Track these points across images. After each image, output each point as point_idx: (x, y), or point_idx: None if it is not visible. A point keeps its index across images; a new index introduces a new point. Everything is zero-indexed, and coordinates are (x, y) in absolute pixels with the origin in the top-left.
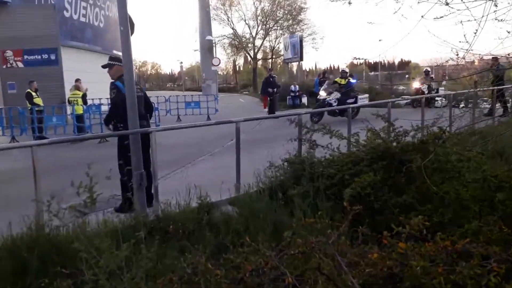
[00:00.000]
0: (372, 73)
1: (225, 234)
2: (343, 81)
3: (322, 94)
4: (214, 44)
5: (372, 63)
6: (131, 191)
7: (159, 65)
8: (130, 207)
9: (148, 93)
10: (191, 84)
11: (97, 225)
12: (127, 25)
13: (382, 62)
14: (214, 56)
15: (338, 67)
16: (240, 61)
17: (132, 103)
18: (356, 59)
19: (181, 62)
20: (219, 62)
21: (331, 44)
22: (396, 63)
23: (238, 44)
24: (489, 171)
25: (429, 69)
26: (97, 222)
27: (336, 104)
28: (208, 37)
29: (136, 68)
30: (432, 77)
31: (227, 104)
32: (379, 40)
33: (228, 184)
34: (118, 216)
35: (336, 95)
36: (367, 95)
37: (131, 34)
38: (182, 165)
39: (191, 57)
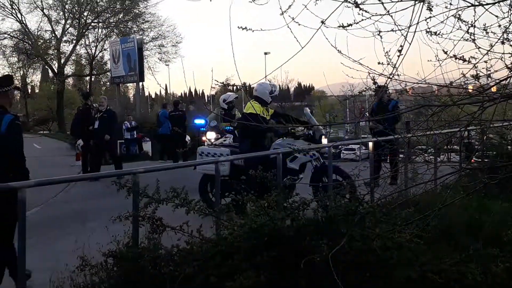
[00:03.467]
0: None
1: None
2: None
3: None
4: None
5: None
6: None
7: None
8: None
9: None
10: None
11: None
12: None
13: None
14: None
15: (203, 93)
16: (35, 78)
17: None
18: (221, 84)
19: None
20: None
21: (194, 56)
22: (292, 90)
23: (30, 48)
24: (430, 265)
25: (234, 96)
26: None
27: None
28: None
29: None
30: (234, 113)
31: None
32: (265, 53)
33: None
34: None
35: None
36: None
37: None
38: None
39: None
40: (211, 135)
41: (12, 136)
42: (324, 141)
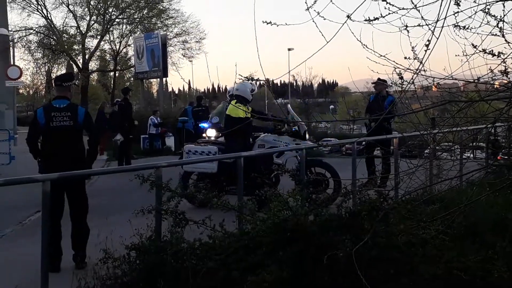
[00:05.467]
0: (280, 100)
1: None
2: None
3: None
4: (11, 43)
5: (279, 85)
6: None
7: None
8: None
9: None
10: None
11: None
12: None
13: (294, 84)
14: (11, 63)
15: (226, 89)
16: (60, 73)
17: None
18: (245, 79)
19: None
20: (20, 74)
21: (216, 53)
22: (316, 86)
23: (55, 44)
24: (455, 262)
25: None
26: None
27: None
28: (1, 31)
29: None
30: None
31: None
32: (289, 49)
33: None
34: None
35: None
36: None
37: None
38: None
39: None
40: (211, 133)
41: (91, 124)
42: (307, 136)
